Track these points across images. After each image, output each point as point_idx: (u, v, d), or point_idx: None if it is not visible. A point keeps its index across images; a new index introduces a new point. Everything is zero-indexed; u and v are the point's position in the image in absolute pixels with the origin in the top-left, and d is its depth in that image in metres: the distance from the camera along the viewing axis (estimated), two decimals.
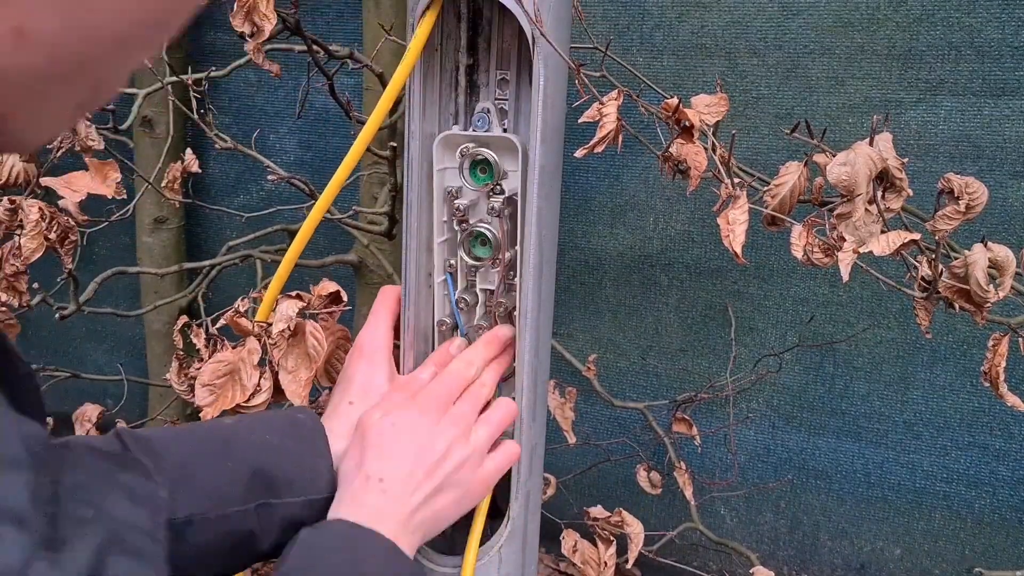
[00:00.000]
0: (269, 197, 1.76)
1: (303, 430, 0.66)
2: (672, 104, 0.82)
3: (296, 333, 0.80)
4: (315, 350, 0.79)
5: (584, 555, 1.08)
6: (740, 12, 1.36)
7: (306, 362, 0.79)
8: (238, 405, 0.79)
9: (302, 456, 0.65)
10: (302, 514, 0.63)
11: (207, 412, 0.78)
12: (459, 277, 0.79)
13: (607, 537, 1.08)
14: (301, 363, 0.79)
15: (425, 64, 0.76)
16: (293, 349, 0.80)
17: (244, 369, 0.79)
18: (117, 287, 1.73)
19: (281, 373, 0.79)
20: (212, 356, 0.79)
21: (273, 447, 0.64)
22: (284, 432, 0.65)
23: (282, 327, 0.78)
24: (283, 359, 0.79)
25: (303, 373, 0.79)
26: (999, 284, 0.77)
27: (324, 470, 0.65)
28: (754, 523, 1.60)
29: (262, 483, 0.62)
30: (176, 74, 1.28)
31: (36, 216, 0.97)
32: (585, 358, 1.43)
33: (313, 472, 0.64)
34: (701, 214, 1.48)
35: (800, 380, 1.50)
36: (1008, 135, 1.28)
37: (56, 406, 1.30)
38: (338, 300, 0.83)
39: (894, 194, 0.79)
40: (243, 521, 0.61)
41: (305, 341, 0.80)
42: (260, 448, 0.63)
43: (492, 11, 0.75)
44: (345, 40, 1.60)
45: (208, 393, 0.79)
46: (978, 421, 1.41)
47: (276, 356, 0.78)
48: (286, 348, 0.79)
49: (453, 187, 0.76)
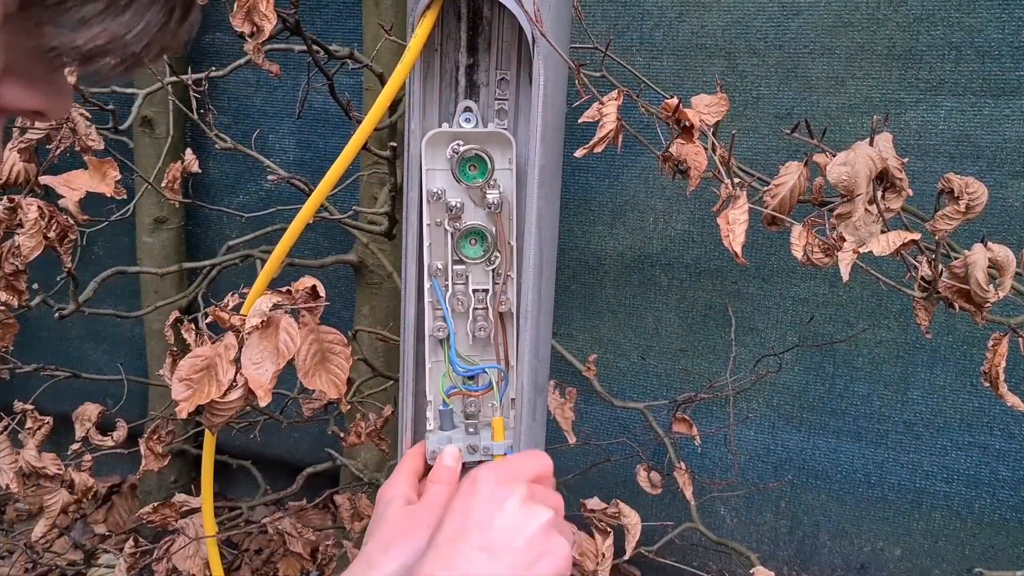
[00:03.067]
0: (269, 197, 1.76)
1: None
2: (672, 104, 0.82)
3: (270, 326, 0.80)
4: (286, 345, 0.79)
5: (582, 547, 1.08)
6: (740, 12, 1.36)
7: (273, 356, 0.79)
8: (212, 401, 0.79)
9: None
10: None
11: (183, 407, 0.78)
12: (450, 279, 0.78)
13: (604, 529, 1.08)
14: (268, 356, 0.79)
15: (425, 64, 0.76)
16: (263, 342, 0.79)
17: (220, 364, 0.79)
18: (117, 287, 1.73)
19: (245, 363, 0.78)
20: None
21: None
22: None
23: (255, 321, 0.78)
24: (251, 351, 0.78)
25: (268, 366, 0.78)
26: (999, 284, 0.77)
27: None
28: (754, 523, 1.60)
29: None
30: (176, 74, 1.28)
31: (35, 215, 0.97)
32: (585, 358, 1.43)
33: None
34: (701, 214, 1.48)
35: (800, 380, 1.50)
36: (1008, 135, 1.28)
37: (56, 406, 1.31)
38: (316, 295, 0.83)
39: (894, 194, 0.79)
40: None
41: (277, 336, 0.79)
42: None
43: (492, 11, 0.75)
44: (345, 40, 1.60)
45: (185, 388, 0.79)
46: (978, 421, 1.41)
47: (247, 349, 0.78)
48: (256, 341, 0.79)
49: (438, 188, 0.76)
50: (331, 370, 0.85)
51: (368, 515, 1.57)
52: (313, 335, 0.83)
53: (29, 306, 1.07)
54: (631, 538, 1.11)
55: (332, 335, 0.85)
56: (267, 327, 0.80)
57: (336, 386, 0.85)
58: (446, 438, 0.78)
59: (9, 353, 1.26)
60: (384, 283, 1.60)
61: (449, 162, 0.75)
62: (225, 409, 0.81)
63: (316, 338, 0.84)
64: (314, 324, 0.84)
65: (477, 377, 0.79)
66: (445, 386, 0.79)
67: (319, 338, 0.84)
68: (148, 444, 1.21)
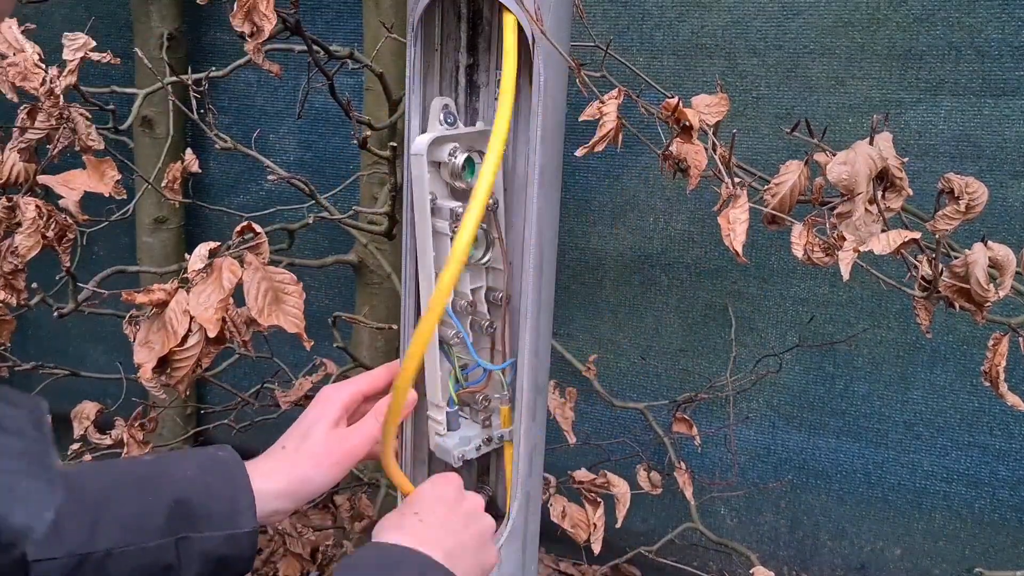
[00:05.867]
0: (269, 197, 1.76)
1: (222, 465, 0.67)
2: (672, 104, 0.82)
3: (213, 271, 0.85)
4: (229, 281, 0.84)
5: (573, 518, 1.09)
6: (740, 12, 1.36)
7: (219, 290, 0.84)
8: (172, 351, 0.82)
9: (221, 490, 0.65)
10: (224, 549, 0.63)
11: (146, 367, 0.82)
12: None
13: (594, 499, 1.09)
14: (214, 292, 0.84)
15: (425, 64, 0.76)
16: (208, 286, 0.84)
17: (175, 316, 0.82)
18: (117, 287, 1.73)
19: (194, 306, 0.82)
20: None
21: (192, 481, 0.64)
22: (204, 467, 0.66)
23: (198, 266, 0.84)
24: (197, 295, 0.83)
25: (214, 298, 0.83)
26: (999, 284, 0.77)
27: (245, 505, 0.65)
28: (754, 523, 1.60)
29: (181, 516, 0.62)
30: (176, 74, 1.28)
31: (33, 214, 0.97)
32: (585, 358, 1.43)
33: (232, 506, 0.65)
34: (701, 214, 1.48)
35: (800, 380, 1.50)
36: (1008, 135, 1.28)
37: (55, 405, 1.30)
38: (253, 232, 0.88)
39: (894, 194, 0.79)
40: (162, 554, 0.61)
41: (221, 276, 0.84)
42: (180, 482, 0.64)
43: (492, 11, 0.75)
44: (345, 40, 1.60)
45: (146, 352, 0.82)
46: (978, 421, 1.41)
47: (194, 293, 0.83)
48: (201, 285, 0.84)
49: (433, 193, 0.76)
50: (286, 310, 0.87)
51: (368, 515, 1.57)
52: (260, 274, 0.86)
53: (29, 306, 1.07)
54: (621, 507, 1.11)
55: (282, 275, 0.88)
56: (211, 273, 0.84)
57: (294, 323, 0.87)
58: (466, 439, 0.79)
59: (8, 351, 1.26)
60: (384, 283, 1.59)
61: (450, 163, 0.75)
62: (185, 359, 0.84)
63: (265, 276, 0.86)
64: (259, 263, 0.85)
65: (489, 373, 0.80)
66: (453, 386, 0.80)
67: (268, 276, 0.87)
68: (130, 431, 1.21)
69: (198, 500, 0.63)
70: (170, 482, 0.63)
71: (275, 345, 1.35)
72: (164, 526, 0.61)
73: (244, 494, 0.65)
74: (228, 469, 0.67)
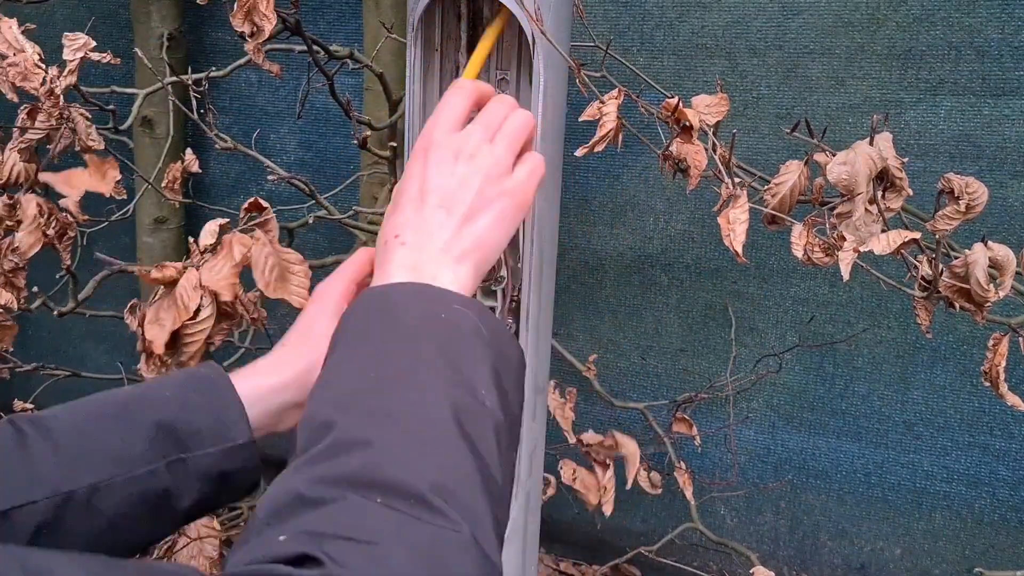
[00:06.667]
0: (269, 197, 1.75)
1: (204, 381, 0.64)
2: (672, 104, 0.82)
3: (224, 247, 0.86)
4: (239, 253, 0.85)
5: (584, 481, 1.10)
6: (740, 12, 1.36)
7: (231, 262, 0.85)
8: (184, 325, 0.83)
9: (206, 406, 0.62)
10: (224, 465, 0.61)
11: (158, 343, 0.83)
12: None
13: (603, 461, 1.09)
14: (227, 264, 0.85)
15: (425, 64, 0.76)
16: (219, 258, 0.86)
17: (185, 292, 0.83)
18: (117, 287, 1.73)
19: (206, 278, 0.83)
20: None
21: (172, 401, 0.61)
22: (184, 386, 0.63)
23: (208, 241, 0.85)
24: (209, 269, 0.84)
25: (227, 271, 0.84)
26: (999, 284, 0.77)
27: (235, 417, 0.62)
28: (754, 523, 1.60)
29: (166, 438, 0.59)
30: (176, 74, 1.28)
31: (34, 211, 0.97)
32: (585, 358, 1.43)
33: (220, 419, 0.62)
34: (701, 214, 1.48)
35: (800, 380, 1.50)
36: (1008, 135, 1.28)
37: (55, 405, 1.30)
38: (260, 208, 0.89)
39: (894, 194, 0.79)
40: (155, 481, 0.58)
41: (232, 251, 0.85)
42: (158, 403, 0.61)
43: (492, 11, 0.75)
44: (345, 40, 1.60)
45: (157, 329, 0.83)
46: (978, 421, 1.41)
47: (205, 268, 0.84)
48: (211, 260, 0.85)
49: None
50: (292, 288, 0.88)
51: None
52: (268, 249, 0.87)
53: (30, 310, 1.07)
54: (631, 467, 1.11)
55: (289, 254, 0.88)
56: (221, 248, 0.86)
57: (299, 300, 0.88)
58: None
59: (9, 352, 1.26)
60: None
61: None
62: (197, 332, 0.84)
63: (273, 251, 0.87)
64: (267, 239, 0.87)
65: None
66: None
67: (276, 252, 0.87)
68: None
69: (182, 419, 0.60)
70: (149, 406, 0.60)
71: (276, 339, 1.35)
72: (149, 451, 0.58)
73: (232, 406, 0.62)
74: (210, 384, 0.63)
